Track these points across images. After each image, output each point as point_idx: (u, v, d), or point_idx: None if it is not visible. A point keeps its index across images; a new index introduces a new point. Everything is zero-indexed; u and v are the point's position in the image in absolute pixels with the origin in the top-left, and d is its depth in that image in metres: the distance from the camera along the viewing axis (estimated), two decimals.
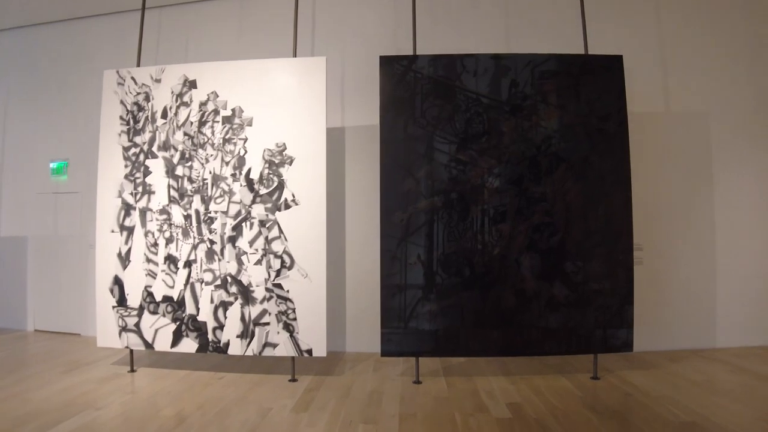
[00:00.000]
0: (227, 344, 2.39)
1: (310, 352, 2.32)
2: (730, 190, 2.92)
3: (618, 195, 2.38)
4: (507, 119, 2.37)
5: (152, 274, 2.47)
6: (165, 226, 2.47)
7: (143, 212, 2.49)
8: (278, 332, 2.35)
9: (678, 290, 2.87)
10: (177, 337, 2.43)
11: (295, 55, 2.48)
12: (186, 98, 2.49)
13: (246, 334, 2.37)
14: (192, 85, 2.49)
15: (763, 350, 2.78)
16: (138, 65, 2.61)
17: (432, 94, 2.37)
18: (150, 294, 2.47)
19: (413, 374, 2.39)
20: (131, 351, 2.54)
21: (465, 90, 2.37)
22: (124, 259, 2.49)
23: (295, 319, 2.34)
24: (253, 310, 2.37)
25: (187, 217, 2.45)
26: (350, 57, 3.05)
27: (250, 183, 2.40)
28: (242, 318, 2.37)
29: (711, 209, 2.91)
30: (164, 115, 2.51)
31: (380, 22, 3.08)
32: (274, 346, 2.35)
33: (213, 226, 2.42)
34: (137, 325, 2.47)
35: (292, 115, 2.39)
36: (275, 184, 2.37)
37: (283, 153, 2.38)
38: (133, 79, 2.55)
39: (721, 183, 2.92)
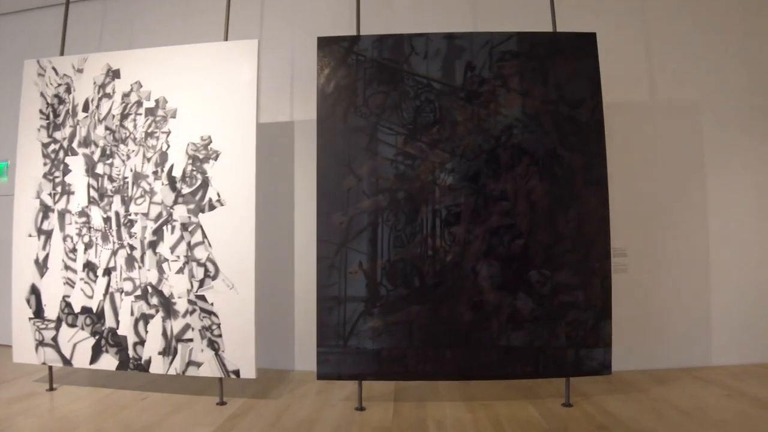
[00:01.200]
0: (149, 361, 2.07)
1: (237, 373, 1.99)
2: (724, 190, 2.51)
3: (592, 194, 2.02)
4: (462, 107, 2.03)
5: (71, 283, 2.18)
6: (84, 230, 2.17)
7: (62, 214, 2.20)
8: (202, 350, 2.02)
9: (667, 301, 2.47)
10: (96, 352, 2.13)
11: (226, 39, 2.19)
12: (109, 89, 2.20)
13: (168, 351, 2.06)
14: (115, 74, 2.21)
15: (763, 369, 2.37)
16: (62, 54, 2.34)
17: (376, 80, 2.03)
18: (68, 305, 2.17)
19: (357, 398, 2.06)
20: (50, 368, 2.25)
21: (413, 74, 2.04)
22: (42, 266, 2.20)
23: (220, 335, 2.01)
24: (176, 325, 2.05)
25: (107, 220, 2.15)
26: (302, 43, 2.70)
27: (172, 181, 2.08)
28: (164, 333, 2.06)
29: (704, 210, 2.51)
30: (86, 108, 2.22)
31: (338, 3, 2.75)
32: (199, 365, 2.03)
33: (133, 230, 2.11)
34: (55, 338, 2.17)
35: (219, 106, 2.07)
36: (199, 182, 2.05)
37: (208, 147, 2.07)
38: (54, 69, 2.28)
39: (714, 182, 2.51)
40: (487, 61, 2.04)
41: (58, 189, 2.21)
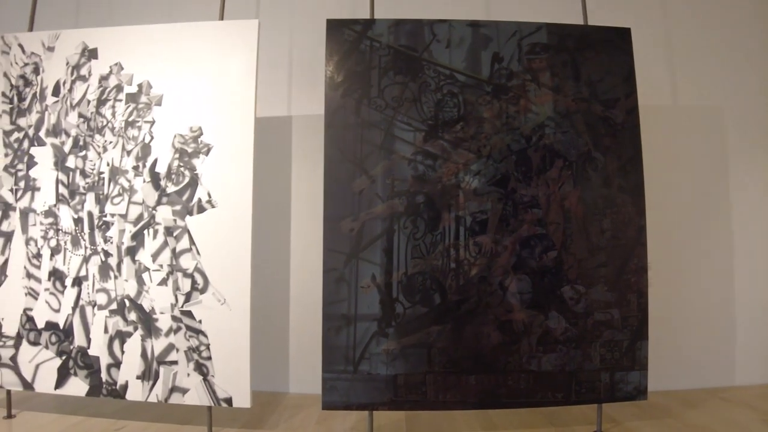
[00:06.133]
0: (125, 387, 1.61)
1: (229, 401, 1.56)
2: (749, 200, 2.20)
3: (628, 202, 1.68)
4: (488, 102, 1.65)
5: (33, 294, 1.70)
6: (51, 233, 1.71)
7: (24, 214, 1.72)
8: (188, 374, 1.58)
9: (688, 318, 2.13)
10: (63, 375, 1.65)
11: (222, 18, 1.77)
12: (84, 71, 1.73)
13: (148, 375, 1.61)
14: (92, 54, 1.75)
15: None
16: (30, 29, 1.87)
17: (392, 69, 1.63)
18: (30, 319, 1.70)
19: (365, 429, 1.65)
20: (8, 392, 1.76)
21: (435, 64, 1.66)
22: None
23: (209, 358, 1.57)
24: (157, 345, 1.61)
25: (78, 222, 1.69)
26: (301, 27, 2.24)
27: (155, 178, 1.63)
28: (143, 354, 1.61)
29: (727, 222, 2.18)
30: (56, 92, 1.75)
31: None
32: (184, 391, 1.59)
33: (108, 234, 1.66)
34: (14, 358, 1.69)
35: (212, 93, 1.63)
36: (187, 179, 1.61)
37: (198, 140, 1.63)
38: (20, 46, 1.79)
39: (738, 192, 2.20)
40: (516, 53, 1.67)
41: (21, 184, 1.73)
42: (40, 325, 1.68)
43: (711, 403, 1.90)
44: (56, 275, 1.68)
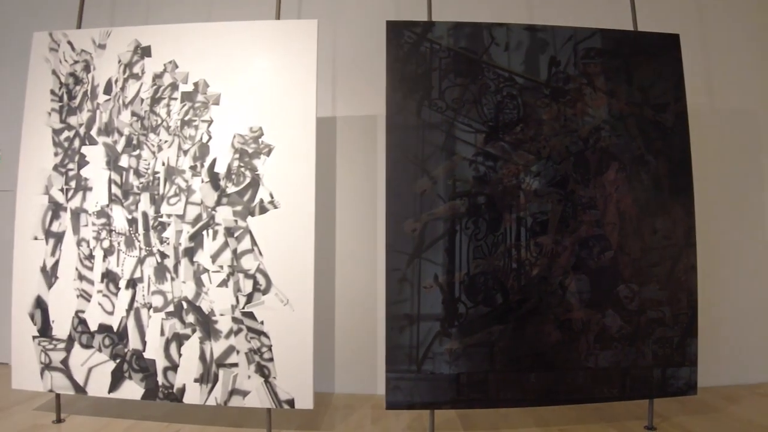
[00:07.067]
0: (182, 390, 1.58)
1: (291, 403, 1.54)
2: None
3: (678, 203, 1.70)
4: (547, 105, 1.65)
5: (86, 296, 1.65)
6: (104, 233, 1.65)
7: (76, 214, 1.67)
8: (249, 376, 1.55)
9: (728, 313, 2.17)
10: (117, 378, 1.61)
11: (278, 17, 1.73)
12: (137, 69, 1.69)
13: (207, 378, 1.57)
14: (145, 52, 1.69)
15: None
16: (78, 27, 1.81)
17: (453, 71, 1.63)
18: (83, 321, 1.65)
19: (422, 428, 1.63)
20: (58, 396, 1.71)
21: (494, 67, 1.66)
22: (50, 276, 1.65)
23: (271, 359, 1.54)
24: (217, 347, 1.57)
25: (132, 222, 1.64)
26: (344, 27, 2.21)
27: (214, 178, 1.60)
28: (202, 356, 1.57)
29: (761, 222, 2.25)
30: (108, 90, 1.69)
31: None
32: (245, 394, 1.56)
33: (165, 235, 1.61)
34: (65, 361, 1.64)
35: (272, 93, 1.60)
36: (248, 180, 1.58)
37: (259, 140, 1.60)
38: (70, 43, 1.74)
39: None
40: (572, 58, 1.68)
41: (72, 184, 1.68)
42: (93, 327, 1.63)
43: (750, 399, 1.93)
44: (109, 277, 1.63)
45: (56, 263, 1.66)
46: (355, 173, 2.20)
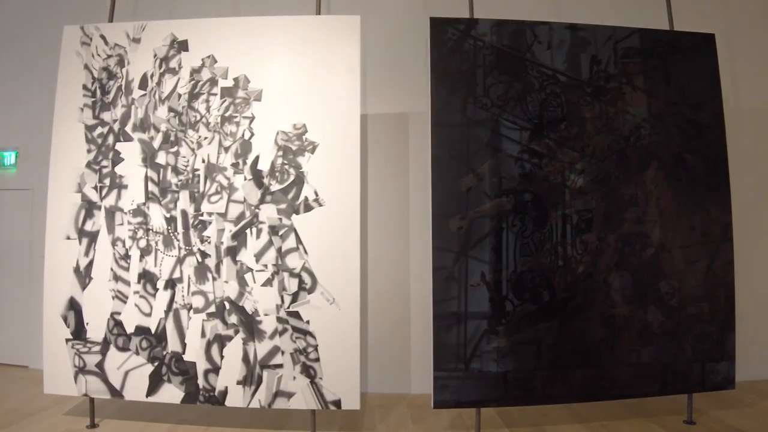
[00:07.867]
0: (224, 393, 1.53)
1: (338, 404, 1.50)
2: None
3: (715, 200, 1.71)
4: (589, 103, 1.64)
5: (122, 297, 1.59)
6: (140, 232, 1.59)
7: (111, 213, 1.61)
8: (294, 377, 1.51)
9: (753, 310, 2.21)
10: (155, 382, 1.55)
11: (318, 12, 1.69)
12: (173, 63, 1.63)
13: (250, 380, 1.52)
14: (182, 46, 1.64)
15: None
16: (110, 20, 1.74)
17: (497, 68, 1.61)
18: (118, 323, 1.58)
19: (464, 426, 1.61)
20: (92, 400, 1.64)
21: (538, 64, 1.64)
22: (84, 276, 1.59)
23: (317, 359, 1.51)
24: (260, 348, 1.52)
25: (171, 221, 1.59)
26: (374, 23, 2.15)
27: (257, 176, 1.55)
28: (245, 358, 1.52)
29: None
30: (143, 85, 1.63)
31: None
32: (290, 395, 1.51)
33: (206, 234, 1.56)
34: (100, 365, 1.57)
35: (315, 89, 1.56)
36: (292, 177, 1.54)
37: (303, 137, 1.56)
38: (102, 37, 1.67)
39: None
40: (612, 57, 1.68)
41: (106, 181, 1.61)
42: (130, 329, 1.57)
43: None
44: (147, 277, 1.57)
45: (90, 263, 1.59)
46: (387, 171, 2.17)
